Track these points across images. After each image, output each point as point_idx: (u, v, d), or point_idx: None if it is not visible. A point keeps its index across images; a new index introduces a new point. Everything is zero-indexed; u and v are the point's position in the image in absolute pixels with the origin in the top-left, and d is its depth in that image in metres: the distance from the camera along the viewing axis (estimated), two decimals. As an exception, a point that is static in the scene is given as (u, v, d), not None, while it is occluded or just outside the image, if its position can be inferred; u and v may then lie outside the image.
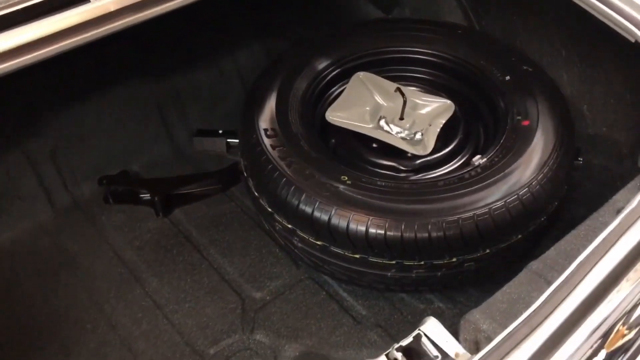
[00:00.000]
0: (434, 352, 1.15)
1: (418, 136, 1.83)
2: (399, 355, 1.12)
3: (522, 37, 2.08)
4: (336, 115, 1.87)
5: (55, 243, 2.00)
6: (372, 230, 1.53)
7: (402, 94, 1.89)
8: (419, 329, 1.17)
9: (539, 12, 2.02)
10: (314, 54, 1.96)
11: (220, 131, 2.22)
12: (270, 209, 1.71)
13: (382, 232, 1.53)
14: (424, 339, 1.15)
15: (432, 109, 1.90)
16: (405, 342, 1.14)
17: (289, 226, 1.67)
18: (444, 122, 1.85)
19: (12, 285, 1.89)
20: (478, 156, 1.70)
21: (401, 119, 1.88)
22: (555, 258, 1.35)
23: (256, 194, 1.74)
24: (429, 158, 1.79)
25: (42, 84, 2.01)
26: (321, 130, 1.86)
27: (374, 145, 1.85)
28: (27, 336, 1.76)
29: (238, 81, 2.36)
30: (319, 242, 1.63)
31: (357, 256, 1.61)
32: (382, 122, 1.87)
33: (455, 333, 1.27)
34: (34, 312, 1.81)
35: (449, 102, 1.90)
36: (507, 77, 1.85)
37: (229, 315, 1.78)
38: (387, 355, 1.13)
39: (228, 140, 2.16)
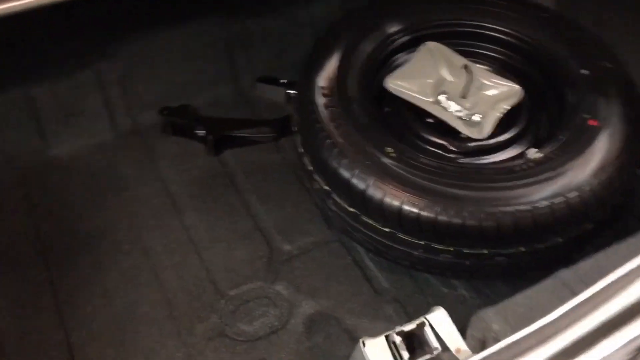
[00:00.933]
0: (434, 343, 1.13)
1: (476, 118, 1.76)
2: (397, 339, 1.10)
3: (614, 32, 1.94)
4: (396, 84, 1.81)
5: (109, 164, 2.07)
6: (405, 208, 1.50)
7: (469, 72, 1.81)
8: (425, 317, 1.14)
9: (636, 7, 1.88)
10: (385, 17, 1.90)
11: (283, 81, 2.22)
12: (310, 168, 1.70)
13: (416, 211, 1.49)
14: (427, 328, 1.13)
15: (499, 92, 1.81)
16: (407, 328, 1.12)
17: (326, 188, 1.66)
18: (507, 108, 1.76)
19: (63, 197, 1.98)
20: (534, 149, 1.62)
21: (463, 97, 1.81)
22: (588, 270, 1.28)
23: (301, 149, 1.74)
24: (482, 143, 1.71)
25: (120, 9, 2.05)
26: (377, 96, 1.81)
27: (429, 120, 1.78)
28: (67, 247, 1.85)
29: (310, 32, 2.33)
30: (351, 209, 1.62)
31: (387, 230, 1.58)
32: (442, 97, 1.80)
33: (464, 326, 1.24)
34: (77, 226, 1.90)
35: (517, 87, 1.80)
36: (585, 71, 1.74)
37: (255, 262, 1.81)
38: (387, 337, 1.12)
39: (288, 91, 2.15)
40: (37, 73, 2.01)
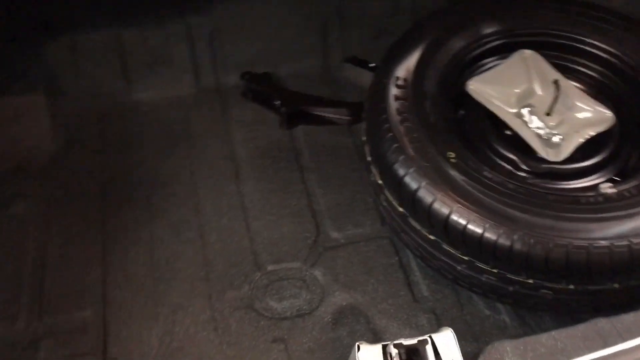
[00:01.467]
0: (431, 361, 1.07)
1: (556, 139, 1.63)
2: (394, 351, 1.05)
3: None
4: (479, 88, 1.71)
5: (184, 117, 2.11)
6: (453, 218, 1.42)
7: (559, 88, 1.68)
8: (430, 335, 1.08)
9: None
10: (482, 17, 1.79)
11: (373, 65, 2.16)
12: (369, 158, 1.65)
13: (463, 223, 1.41)
14: (428, 346, 1.06)
15: (587, 116, 1.67)
16: (407, 342, 1.07)
17: (380, 182, 1.61)
18: (593, 134, 1.62)
19: (135, 141, 2.05)
20: (609, 184, 1.48)
21: (548, 114, 1.68)
22: (628, 325, 1.15)
23: (364, 138, 1.69)
24: (556, 166, 1.59)
25: None
26: (455, 97, 1.72)
27: (507, 132, 1.68)
28: (126, 188, 1.91)
29: (410, 18, 2.24)
30: (400, 209, 1.55)
31: (433, 238, 1.51)
32: (525, 111, 1.68)
33: (478, 354, 1.16)
34: (139, 171, 1.96)
35: (609, 114, 1.65)
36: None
37: (300, 242, 1.78)
38: (384, 347, 1.07)
39: (375, 75, 2.10)
40: (129, 17, 2.06)
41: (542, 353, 1.12)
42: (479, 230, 1.40)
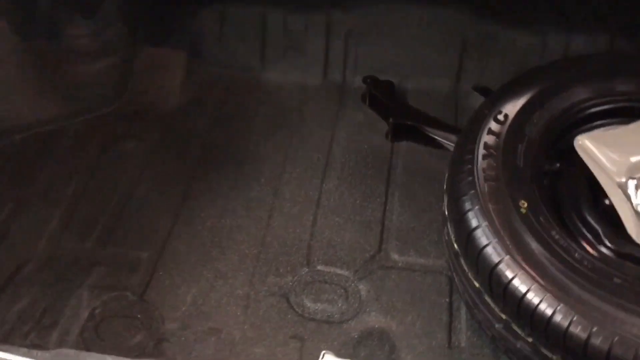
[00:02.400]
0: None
1: (656, 222, 1.42)
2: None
3: None
4: (589, 146, 1.53)
5: (301, 105, 2.16)
6: (498, 269, 1.30)
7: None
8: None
9: None
10: (620, 72, 1.61)
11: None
12: (445, 185, 1.56)
13: (509, 277, 1.29)
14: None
15: None
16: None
17: (446, 213, 1.52)
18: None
19: (249, 114, 2.13)
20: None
21: (657, 193, 1.47)
22: None
23: (448, 166, 1.60)
24: (641, 252, 1.39)
25: None
26: (554, 147, 1.56)
27: (605, 200, 1.49)
28: (219, 159, 2.00)
29: (559, 55, 2.07)
30: (455, 247, 1.45)
31: (477, 285, 1.39)
32: (632, 183, 1.47)
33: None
34: (241, 144, 2.03)
35: None
36: None
37: (357, 252, 1.74)
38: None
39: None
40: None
41: None
42: (522, 290, 1.27)
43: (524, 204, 1.38)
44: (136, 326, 1.59)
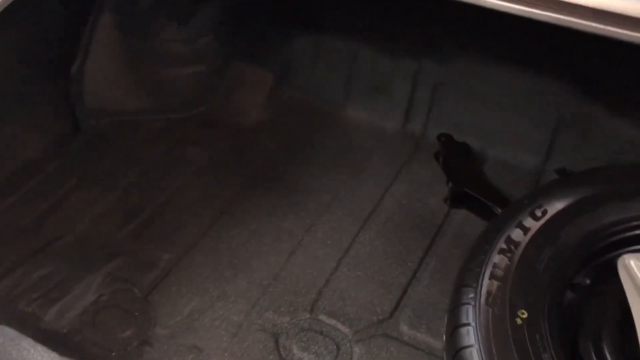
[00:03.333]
0: None
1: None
2: None
3: None
4: (632, 267, 1.32)
5: (373, 148, 2.10)
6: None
7: None
8: None
9: None
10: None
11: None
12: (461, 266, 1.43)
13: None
14: None
15: None
16: None
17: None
18: None
19: (318, 144, 2.12)
20: None
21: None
22: None
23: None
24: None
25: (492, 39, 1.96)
26: (593, 258, 1.35)
27: (632, 334, 1.26)
28: (280, 177, 2.01)
29: None
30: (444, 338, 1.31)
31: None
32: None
33: None
34: (301, 172, 2.02)
35: None
36: None
37: (366, 312, 1.63)
38: None
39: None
40: (371, 39, 2.12)
41: None
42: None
43: (523, 314, 1.22)
44: (130, 322, 1.62)
